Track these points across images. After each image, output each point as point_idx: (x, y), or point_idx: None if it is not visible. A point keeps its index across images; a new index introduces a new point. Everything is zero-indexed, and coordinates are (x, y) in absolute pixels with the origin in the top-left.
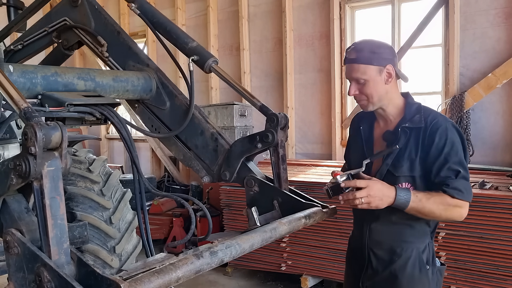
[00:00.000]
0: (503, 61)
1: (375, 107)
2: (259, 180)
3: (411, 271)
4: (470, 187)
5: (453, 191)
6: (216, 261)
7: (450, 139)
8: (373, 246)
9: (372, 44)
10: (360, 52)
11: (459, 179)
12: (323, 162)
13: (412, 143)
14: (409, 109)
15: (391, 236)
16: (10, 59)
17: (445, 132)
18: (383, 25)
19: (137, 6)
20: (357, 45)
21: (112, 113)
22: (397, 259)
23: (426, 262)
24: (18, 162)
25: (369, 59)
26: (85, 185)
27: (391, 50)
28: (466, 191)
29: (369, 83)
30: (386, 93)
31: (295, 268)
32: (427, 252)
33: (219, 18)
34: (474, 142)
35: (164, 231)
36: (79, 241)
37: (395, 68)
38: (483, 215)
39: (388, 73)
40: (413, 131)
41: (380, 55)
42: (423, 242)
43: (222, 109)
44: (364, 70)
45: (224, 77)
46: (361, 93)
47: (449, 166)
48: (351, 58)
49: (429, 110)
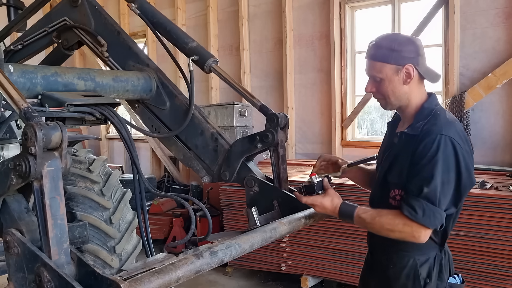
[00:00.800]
0: (503, 61)
1: (394, 107)
2: (259, 180)
3: (405, 281)
4: (434, 212)
5: (405, 207)
6: (216, 261)
7: (433, 152)
8: (373, 249)
9: (394, 41)
10: (379, 49)
11: (420, 198)
12: None
13: (406, 150)
14: (420, 114)
15: (389, 243)
16: (10, 59)
17: (432, 143)
18: (383, 25)
19: (137, 6)
20: (378, 40)
21: (112, 113)
22: (392, 267)
23: (427, 276)
24: (18, 162)
25: (386, 57)
26: (85, 185)
27: (415, 47)
28: (423, 213)
29: (384, 82)
30: (405, 94)
31: (295, 268)
32: (429, 265)
33: (219, 18)
34: (474, 142)
35: (164, 231)
36: (79, 241)
37: (417, 68)
38: (483, 215)
39: (407, 73)
40: (409, 137)
41: (400, 53)
42: (425, 254)
43: (222, 109)
44: (380, 68)
45: (224, 77)
46: (377, 91)
47: (416, 180)
48: (370, 54)
49: (439, 117)
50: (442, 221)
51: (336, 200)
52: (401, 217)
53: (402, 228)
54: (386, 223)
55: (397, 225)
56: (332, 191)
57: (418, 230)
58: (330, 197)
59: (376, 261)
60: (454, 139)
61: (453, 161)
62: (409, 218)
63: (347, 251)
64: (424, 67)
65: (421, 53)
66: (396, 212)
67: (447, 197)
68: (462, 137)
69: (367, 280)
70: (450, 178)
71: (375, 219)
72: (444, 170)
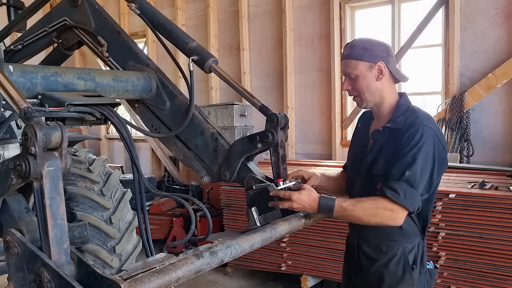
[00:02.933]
0: (503, 61)
1: (369, 104)
2: (259, 180)
3: (395, 269)
4: (413, 195)
5: (387, 190)
6: (216, 261)
7: (416, 140)
8: (361, 243)
9: (366, 42)
10: (353, 49)
11: (401, 181)
12: (323, 162)
13: (390, 143)
14: (398, 110)
15: (378, 235)
16: (10, 59)
17: (415, 133)
18: (383, 25)
19: (137, 6)
20: (352, 42)
21: (112, 113)
22: (382, 257)
23: (413, 262)
24: (18, 162)
25: (360, 55)
26: (85, 185)
27: (385, 48)
28: (404, 195)
29: (359, 78)
30: (378, 90)
31: (295, 268)
32: (414, 252)
33: (219, 18)
34: (474, 142)
35: (164, 231)
36: (79, 241)
37: (388, 66)
38: (483, 215)
39: (379, 70)
40: (392, 131)
41: (372, 52)
42: (411, 242)
43: (222, 109)
44: (355, 65)
45: (224, 77)
46: (353, 89)
47: (398, 165)
48: (345, 54)
49: (417, 112)
50: (419, 204)
51: (314, 194)
52: (381, 201)
53: (383, 212)
54: (368, 208)
55: (379, 209)
56: (308, 186)
57: (397, 212)
58: (307, 192)
59: (364, 255)
60: (434, 131)
61: (431, 150)
62: (391, 201)
63: None
64: (393, 67)
65: (391, 54)
66: (376, 197)
67: (423, 183)
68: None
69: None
70: (428, 165)
71: (356, 206)
72: (424, 157)
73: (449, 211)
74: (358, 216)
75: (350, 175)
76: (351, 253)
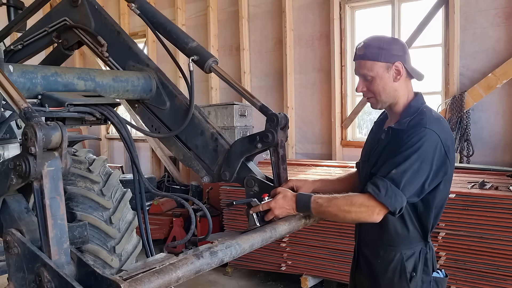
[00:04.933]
0: (503, 61)
1: (384, 105)
2: (259, 180)
3: (391, 276)
4: (396, 194)
5: (370, 186)
6: (216, 261)
7: (413, 141)
8: (361, 245)
9: (382, 41)
10: (368, 48)
11: (386, 178)
12: (323, 162)
13: (391, 144)
14: (408, 111)
15: (376, 238)
16: (10, 59)
17: (415, 134)
18: (383, 25)
19: (137, 6)
20: (366, 41)
21: (112, 113)
22: (379, 261)
23: (413, 270)
24: (18, 162)
25: (377, 55)
26: (85, 185)
27: (402, 46)
28: (385, 192)
29: (376, 80)
30: (395, 91)
31: (295, 268)
32: (415, 259)
33: (219, 18)
34: (474, 142)
35: (164, 231)
36: (79, 241)
37: (406, 65)
38: (483, 215)
39: (396, 70)
40: (395, 132)
41: (389, 52)
42: (411, 248)
43: (222, 109)
44: (371, 66)
45: (224, 77)
46: (368, 90)
47: (388, 163)
48: (359, 54)
49: (425, 114)
50: (402, 205)
51: (289, 194)
52: (358, 197)
53: (358, 208)
54: (342, 204)
55: (354, 205)
56: (282, 188)
57: (373, 209)
58: (281, 194)
59: (363, 256)
60: (437, 134)
61: (430, 155)
62: (370, 197)
63: (347, 251)
64: (410, 66)
65: (407, 52)
66: (352, 194)
67: (412, 186)
68: (447, 134)
69: (356, 276)
70: (421, 169)
71: (331, 202)
72: (418, 159)
73: (449, 211)
74: (334, 212)
75: (359, 175)
76: (354, 254)
